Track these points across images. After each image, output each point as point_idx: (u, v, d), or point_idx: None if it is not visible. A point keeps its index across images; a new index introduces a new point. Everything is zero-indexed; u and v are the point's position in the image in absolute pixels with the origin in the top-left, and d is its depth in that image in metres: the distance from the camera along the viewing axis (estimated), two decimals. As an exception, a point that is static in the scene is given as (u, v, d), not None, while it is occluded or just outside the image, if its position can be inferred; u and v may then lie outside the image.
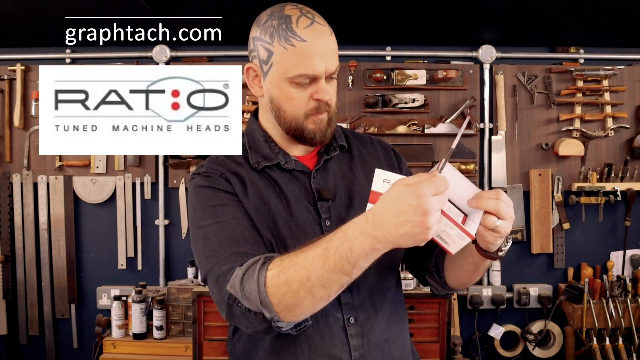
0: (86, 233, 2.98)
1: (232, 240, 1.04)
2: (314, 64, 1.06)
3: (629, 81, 2.92)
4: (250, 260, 0.99)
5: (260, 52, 1.10)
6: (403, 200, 0.84)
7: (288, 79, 1.08)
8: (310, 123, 1.12)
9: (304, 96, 1.10)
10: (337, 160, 1.22)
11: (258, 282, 0.95)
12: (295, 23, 1.07)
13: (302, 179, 1.17)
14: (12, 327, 2.95)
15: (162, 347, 2.55)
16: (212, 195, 1.11)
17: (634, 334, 2.73)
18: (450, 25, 2.67)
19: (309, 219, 1.13)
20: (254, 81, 1.15)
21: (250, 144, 1.19)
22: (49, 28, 2.68)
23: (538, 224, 2.92)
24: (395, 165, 1.28)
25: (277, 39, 1.07)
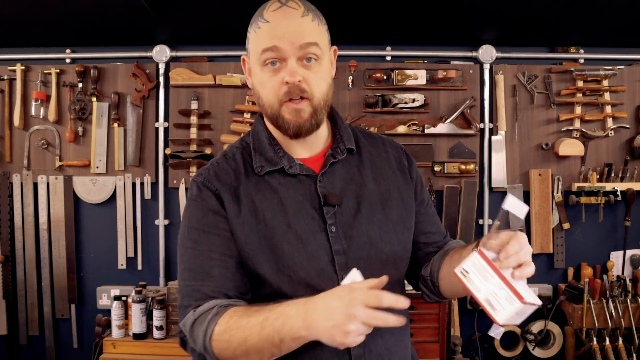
0: (86, 233, 2.98)
1: (200, 274, 1.10)
2: (275, 41, 1.06)
3: (629, 81, 2.92)
4: (205, 307, 1.06)
5: (246, 43, 1.14)
6: (337, 299, 0.90)
7: (257, 61, 1.09)
8: (286, 112, 1.09)
9: (275, 80, 1.08)
10: (346, 163, 1.18)
11: (205, 333, 1.03)
12: (267, 8, 1.08)
13: (308, 183, 1.14)
14: (12, 327, 2.95)
15: (162, 347, 2.56)
16: (200, 216, 1.13)
17: (634, 334, 2.73)
18: (450, 25, 2.67)
19: (312, 226, 1.11)
20: (249, 74, 1.17)
21: (255, 146, 1.18)
22: (49, 28, 2.68)
23: (538, 224, 2.92)
24: (406, 168, 1.25)
25: (251, 26, 1.11)
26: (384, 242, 1.14)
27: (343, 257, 1.10)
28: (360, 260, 1.11)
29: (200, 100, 2.90)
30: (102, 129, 2.92)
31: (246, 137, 1.22)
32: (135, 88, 2.91)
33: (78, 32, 2.76)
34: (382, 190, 1.18)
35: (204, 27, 2.74)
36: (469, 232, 2.91)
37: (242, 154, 1.18)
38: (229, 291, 1.09)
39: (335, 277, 1.09)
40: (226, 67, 2.91)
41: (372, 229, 1.14)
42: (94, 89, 2.89)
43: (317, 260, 1.09)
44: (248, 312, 1.01)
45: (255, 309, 1.01)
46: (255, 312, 1.00)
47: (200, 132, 2.89)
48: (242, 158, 1.17)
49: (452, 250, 1.20)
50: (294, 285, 1.08)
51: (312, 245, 1.10)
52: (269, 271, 1.09)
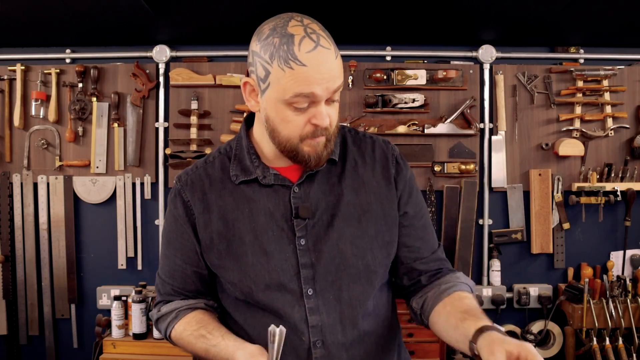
0: (86, 233, 2.98)
1: (168, 273, 1.22)
2: (312, 87, 1.01)
3: (629, 81, 2.92)
4: (167, 308, 1.22)
5: (258, 69, 1.06)
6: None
7: (285, 100, 1.03)
8: (306, 145, 1.08)
9: (301, 119, 1.05)
10: (326, 172, 1.16)
11: (165, 331, 1.23)
12: (298, 45, 1.00)
13: (282, 193, 1.13)
14: (12, 327, 2.95)
15: (162, 347, 2.55)
16: (171, 222, 1.21)
17: (634, 334, 2.73)
18: (450, 25, 2.67)
19: (280, 238, 1.11)
20: (251, 95, 1.11)
21: (236, 152, 1.19)
22: (49, 28, 2.68)
23: (538, 224, 2.92)
24: (392, 177, 1.19)
25: (277, 60, 1.01)
26: (356, 257, 1.12)
27: (310, 271, 1.11)
28: (329, 274, 1.11)
29: (200, 100, 2.90)
30: (102, 129, 2.92)
31: (232, 142, 1.22)
32: (135, 88, 2.91)
33: (78, 32, 2.76)
34: (362, 202, 1.15)
35: (204, 27, 2.74)
36: (469, 232, 2.91)
37: (223, 160, 1.19)
38: (189, 292, 1.22)
39: (298, 290, 1.10)
40: (226, 67, 2.91)
41: (343, 243, 1.12)
42: (94, 89, 2.89)
43: (278, 273, 1.10)
44: (195, 334, 1.16)
45: (201, 332, 1.15)
46: (201, 337, 1.14)
47: (200, 132, 2.89)
48: (221, 164, 1.19)
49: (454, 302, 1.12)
50: (257, 294, 1.12)
51: (276, 258, 1.11)
52: (234, 278, 1.13)
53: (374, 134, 1.29)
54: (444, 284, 1.17)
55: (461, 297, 1.13)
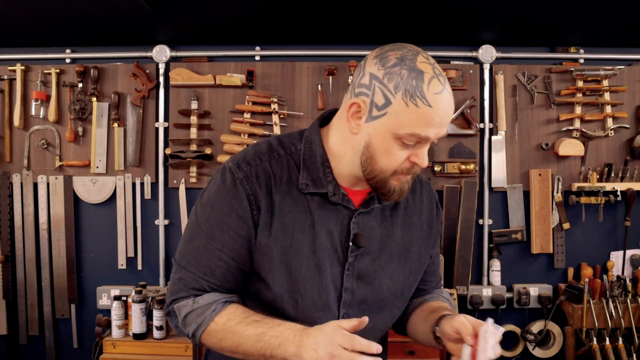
0: (86, 233, 2.98)
1: (205, 268, 1.12)
2: (429, 130, 1.01)
3: (629, 81, 2.92)
4: (204, 300, 1.11)
5: (376, 95, 1.02)
6: (323, 337, 0.97)
7: (396, 134, 1.02)
8: (395, 180, 1.08)
9: (402, 155, 1.05)
10: (383, 207, 1.17)
11: (199, 325, 1.10)
12: (427, 84, 1.00)
13: (343, 215, 1.13)
14: (12, 327, 2.95)
15: (162, 347, 2.55)
16: (225, 212, 1.10)
17: (634, 334, 2.73)
18: (450, 25, 2.67)
19: (332, 258, 1.12)
20: (354, 116, 1.06)
21: (305, 157, 1.13)
22: (49, 28, 2.68)
23: (538, 224, 2.92)
24: (433, 223, 1.26)
25: (402, 93, 1.00)
26: (390, 292, 1.17)
27: (349, 296, 1.14)
28: (363, 303, 1.15)
29: (200, 100, 2.90)
30: (102, 129, 2.92)
31: (296, 142, 1.15)
32: (135, 88, 2.91)
33: (78, 32, 2.76)
34: (406, 241, 1.19)
35: (204, 27, 2.74)
36: (469, 232, 2.91)
37: (289, 161, 1.13)
38: (225, 290, 1.14)
39: (337, 312, 1.13)
40: (226, 67, 2.91)
41: (383, 277, 1.16)
42: (94, 89, 2.89)
43: (326, 293, 1.12)
44: (246, 320, 1.07)
45: (253, 318, 1.07)
46: (254, 322, 1.06)
47: (200, 132, 2.89)
48: (287, 165, 1.13)
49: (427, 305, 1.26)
50: (297, 309, 1.11)
51: (326, 277, 1.11)
52: (279, 289, 1.10)
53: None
54: (427, 295, 1.30)
55: (435, 302, 1.26)
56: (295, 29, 2.73)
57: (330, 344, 0.96)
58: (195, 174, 2.88)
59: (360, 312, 1.13)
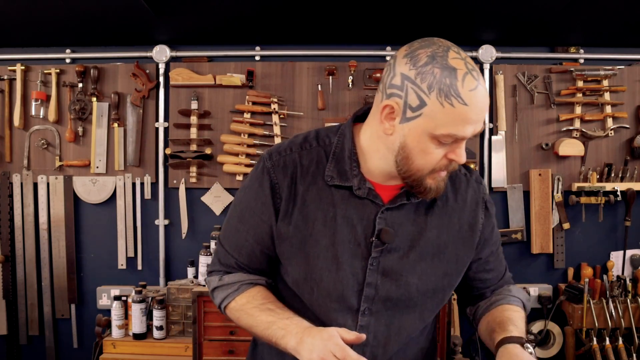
0: (86, 233, 2.98)
1: (235, 247, 1.20)
2: (466, 128, 1.00)
3: (629, 81, 2.92)
4: (229, 279, 1.20)
5: (410, 96, 1.01)
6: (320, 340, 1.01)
7: (433, 134, 1.01)
8: (431, 178, 1.07)
9: (439, 153, 1.04)
10: (415, 203, 1.14)
11: (222, 300, 1.20)
12: (461, 81, 0.97)
13: (370, 209, 1.11)
14: (12, 327, 2.95)
15: (162, 347, 2.56)
16: (252, 198, 1.16)
17: (634, 334, 2.73)
18: (450, 25, 2.67)
19: (355, 252, 1.11)
20: (388, 117, 1.05)
21: (336, 151, 1.14)
22: (49, 28, 2.68)
23: (538, 224, 2.92)
24: (478, 226, 1.20)
25: (437, 92, 0.98)
26: (419, 292, 1.14)
27: (372, 291, 1.12)
28: (388, 301, 1.13)
29: (200, 100, 2.90)
30: (102, 129, 2.92)
31: (331, 134, 1.17)
32: (135, 88, 2.91)
33: (78, 32, 2.76)
34: (441, 241, 1.15)
35: (204, 27, 2.74)
36: (469, 232, 2.90)
37: (319, 152, 1.15)
38: (253, 270, 1.20)
39: (356, 306, 1.12)
40: (226, 67, 2.91)
41: (412, 276, 1.13)
42: (94, 89, 2.89)
43: (343, 286, 1.11)
44: (261, 307, 1.13)
45: (268, 306, 1.14)
46: (268, 310, 1.13)
47: (200, 132, 2.89)
48: (317, 156, 1.14)
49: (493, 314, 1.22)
50: (312, 298, 1.13)
51: (345, 271, 1.11)
52: (297, 275, 1.13)
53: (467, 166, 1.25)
54: (496, 296, 1.27)
55: (505, 309, 1.22)
56: (295, 29, 2.73)
57: (324, 349, 1.00)
58: (195, 174, 2.88)
59: (385, 310, 1.13)
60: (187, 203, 2.93)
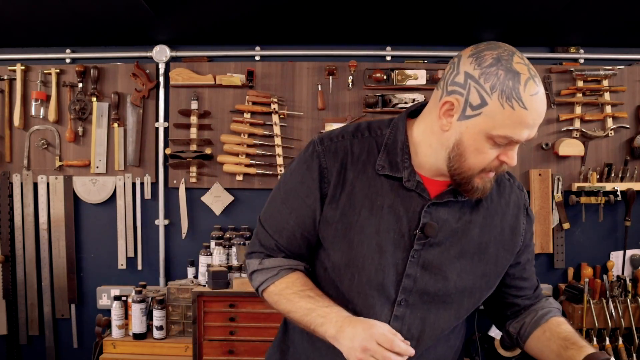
0: (86, 233, 2.98)
1: (277, 229, 1.20)
2: (523, 132, 1.02)
3: (629, 81, 2.92)
4: (269, 263, 1.20)
5: (472, 94, 1.03)
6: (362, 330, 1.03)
7: (489, 135, 1.03)
8: (479, 178, 1.09)
9: (492, 154, 1.06)
10: (461, 201, 1.16)
11: (261, 284, 1.21)
12: (524, 85, 1.00)
13: (416, 202, 1.13)
14: (12, 327, 2.95)
15: (162, 347, 2.56)
16: (299, 180, 1.17)
17: (634, 334, 2.73)
18: (450, 25, 2.67)
19: (399, 242, 1.12)
20: (446, 114, 1.07)
21: (388, 142, 1.15)
22: (49, 28, 2.68)
23: (538, 224, 2.92)
24: (520, 231, 1.22)
25: (499, 93, 1.00)
26: (457, 290, 1.15)
27: (411, 283, 1.13)
28: (425, 294, 1.14)
29: (200, 100, 2.90)
30: (102, 129, 2.92)
31: (383, 126, 1.19)
32: (135, 88, 2.91)
33: (78, 32, 2.76)
34: (482, 241, 1.16)
35: (204, 27, 2.74)
36: (469, 232, 2.90)
37: (371, 142, 1.16)
38: (292, 253, 1.21)
39: (393, 296, 1.13)
40: (226, 67, 2.91)
41: (451, 272, 1.14)
42: (94, 89, 2.89)
43: (384, 275, 1.12)
44: (301, 293, 1.14)
45: (308, 292, 1.15)
46: (307, 297, 1.14)
47: (200, 132, 2.89)
48: (368, 146, 1.16)
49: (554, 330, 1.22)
50: (352, 284, 1.13)
51: (387, 260, 1.12)
52: (339, 260, 1.14)
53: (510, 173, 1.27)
54: (541, 310, 1.27)
55: (559, 322, 1.24)
56: (295, 29, 2.73)
57: (368, 338, 1.00)
58: (195, 174, 2.88)
59: (422, 303, 1.13)
60: (187, 203, 2.93)
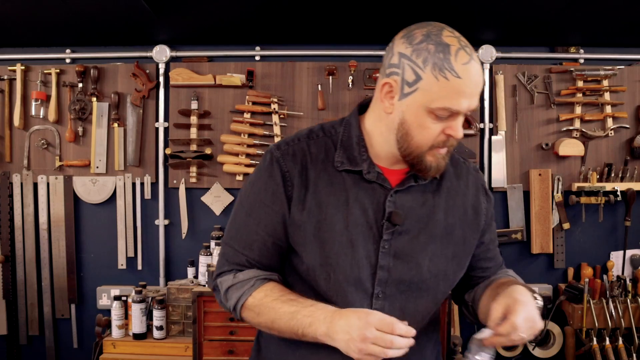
0: (86, 233, 2.98)
1: (244, 243, 1.18)
2: (460, 102, 1.04)
3: (629, 81, 2.92)
4: (244, 275, 1.16)
5: (406, 72, 1.05)
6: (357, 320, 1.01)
7: (429, 108, 1.05)
8: (430, 155, 1.10)
9: (437, 128, 1.07)
10: (422, 185, 1.18)
11: (238, 299, 1.15)
12: (454, 55, 1.03)
13: (379, 193, 1.14)
14: (12, 327, 2.95)
15: (162, 347, 2.56)
16: (262, 189, 1.16)
17: (634, 334, 2.73)
18: (450, 25, 2.66)
19: (367, 235, 1.13)
20: (387, 96, 1.10)
21: (343, 139, 1.17)
22: (49, 28, 2.68)
23: (538, 224, 2.92)
24: (482, 210, 1.24)
25: (431, 66, 1.03)
26: (431, 274, 1.16)
27: (385, 274, 1.13)
28: (401, 283, 1.14)
29: (200, 100, 2.90)
30: (102, 129, 2.92)
31: (337, 126, 1.21)
32: (135, 88, 2.91)
33: (78, 32, 2.76)
34: (448, 223, 1.18)
35: (204, 27, 2.74)
36: (469, 232, 2.90)
37: (327, 142, 1.18)
38: (263, 266, 1.18)
39: (370, 289, 1.13)
40: (226, 67, 2.91)
41: (423, 257, 1.15)
42: (94, 89, 2.89)
43: (358, 269, 1.12)
44: (282, 298, 1.12)
45: (289, 296, 1.12)
46: (289, 300, 1.11)
47: (200, 132, 2.89)
48: (325, 145, 1.17)
49: (494, 283, 1.23)
50: (329, 283, 1.12)
51: (360, 253, 1.12)
52: (313, 261, 1.12)
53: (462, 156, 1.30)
54: (493, 275, 1.30)
55: (508, 278, 1.26)
56: (295, 29, 2.73)
57: (366, 326, 0.99)
58: (195, 174, 2.88)
59: (399, 293, 1.14)
60: (187, 203, 2.93)
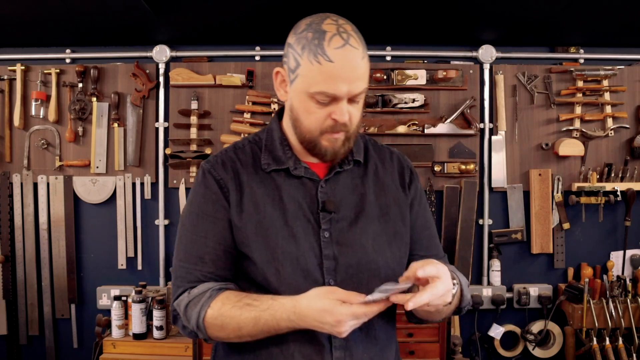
0: (86, 233, 2.98)
1: (195, 258, 1.17)
2: (336, 86, 1.07)
3: (629, 81, 2.92)
4: (198, 289, 1.15)
5: (290, 60, 1.12)
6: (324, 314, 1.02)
7: (309, 93, 1.09)
8: (325, 140, 1.14)
9: (322, 113, 1.11)
10: (350, 172, 1.22)
11: (198, 315, 1.13)
12: (328, 41, 1.06)
13: (310, 186, 1.19)
14: (12, 327, 2.95)
15: (162, 347, 2.56)
16: (202, 202, 1.19)
17: (634, 334, 2.73)
18: (450, 25, 2.67)
19: (307, 228, 1.15)
20: (281, 85, 1.17)
21: (267, 143, 1.22)
22: (49, 28, 2.68)
23: (538, 224, 2.92)
24: (406, 184, 1.27)
25: (307, 52, 1.07)
26: (377, 253, 1.17)
27: (332, 262, 1.14)
28: (350, 268, 1.15)
29: (200, 100, 2.90)
30: (102, 129, 2.92)
31: (260, 133, 1.26)
32: (135, 88, 2.91)
33: (78, 32, 2.76)
34: (382, 203, 1.22)
35: (204, 27, 2.74)
36: (469, 232, 2.91)
37: (253, 148, 1.23)
38: (218, 277, 1.18)
39: (321, 280, 1.14)
40: (226, 67, 2.91)
41: (365, 239, 1.17)
42: (94, 89, 2.89)
43: (305, 260, 1.13)
44: (239, 304, 1.11)
45: (245, 301, 1.11)
46: (246, 305, 1.10)
47: (200, 132, 2.89)
48: (251, 151, 1.22)
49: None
50: (279, 278, 1.13)
51: (303, 246, 1.14)
52: (260, 259, 1.14)
53: (372, 134, 1.34)
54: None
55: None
56: (295, 29, 2.72)
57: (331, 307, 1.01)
58: (195, 174, 2.88)
59: (349, 278, 1.14)
60: (187, 203, 2.92)
